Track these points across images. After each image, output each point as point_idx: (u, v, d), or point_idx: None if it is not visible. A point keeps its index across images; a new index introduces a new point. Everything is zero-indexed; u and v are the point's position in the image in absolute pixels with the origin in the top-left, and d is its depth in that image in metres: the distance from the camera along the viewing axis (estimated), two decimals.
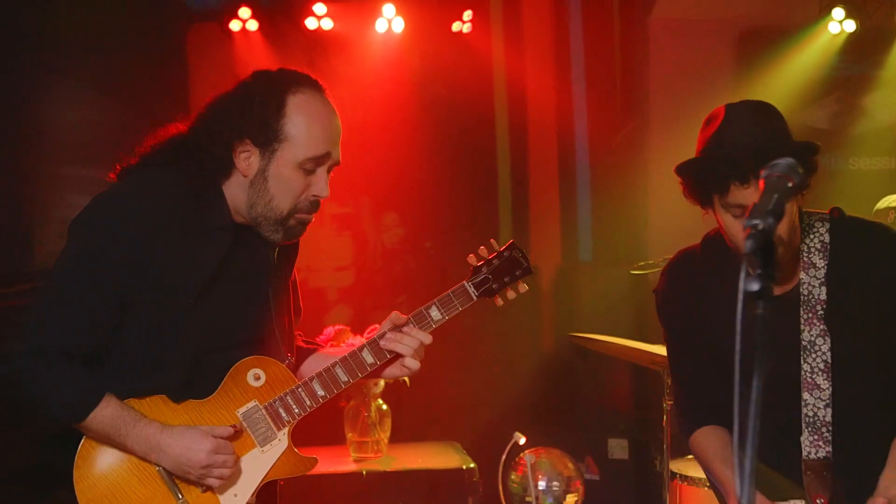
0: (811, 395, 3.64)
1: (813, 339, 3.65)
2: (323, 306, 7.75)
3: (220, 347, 3.57)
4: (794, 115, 8.07)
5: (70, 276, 3.45)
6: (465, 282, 3.78)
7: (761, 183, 2.26)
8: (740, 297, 2.13)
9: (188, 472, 3.46)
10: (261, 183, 3.53)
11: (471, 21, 7.82)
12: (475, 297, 3.78)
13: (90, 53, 7.77)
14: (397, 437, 6.38)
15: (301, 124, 3.54)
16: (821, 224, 3.75)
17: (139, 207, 3.45)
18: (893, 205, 6.35)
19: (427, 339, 3.75)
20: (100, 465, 3.48)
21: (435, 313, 3.76)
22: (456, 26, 7.84)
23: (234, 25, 7.57)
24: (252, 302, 3.65)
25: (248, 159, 3.53)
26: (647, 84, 8.12)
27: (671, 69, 8.04)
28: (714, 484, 3.88)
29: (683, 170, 3.67)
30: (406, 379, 6.12)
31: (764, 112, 3.75)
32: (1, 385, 3.40)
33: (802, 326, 3.66)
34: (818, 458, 3.62)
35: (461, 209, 7.84)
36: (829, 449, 3.62)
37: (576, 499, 5.98)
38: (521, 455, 6.05)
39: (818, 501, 3.60)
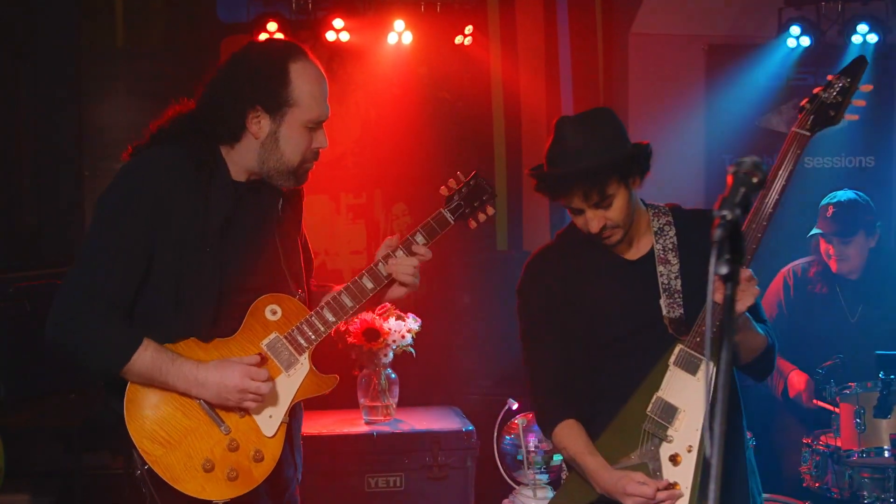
0: (664, 267, 3.83)
1: (668, 274, 3.84)
2: (339, 285, 7.72)
3: (237, 290, 3.59)
4: (755, 120, 8.11)
5: (100, 238, 3.49)
6: (441, 209, 3.86)
7: (729, 178, 2.23)
8: (710, 277, 2.11)
9: (227, 400, 3.48)
10: (272, 143, 3.58)
11: (471, 35, 7.77)
12: (452, 221, 3.85)
13: (140, 63, 7.78)
14: (404, 403, 6.35)
15: (305, 90, 3.58)
16: (664, 210, 3.96)
17: (149, 175, 3.50)
18: (833, 201, 6.30)
19: (413, 261, 3.78)
20: (146, 404, 3.48)
21: (419, 238, 3.80)
22: (458, 39, 7.78)
23: (263, 37, 7.48)
24: (262, 249, 3.67)
25: (259, 123, 3.56)
26: (626, 91, 8.08)
27: (648, 78, 8.01)
28: (581, 472, 3.86)
29: (530, 176, 3.87)
30: (413, 351, 6.12)
31: (587, 126, 3.80)
32: (53, 338, 3.42)
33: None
34: (674, 317, 3.76)
35: None
36: (682, 311, 3.76)
37: (561, 458, 5.93)
38: (514, 419, 6.00)
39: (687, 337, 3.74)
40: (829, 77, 3.72)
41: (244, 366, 3.49)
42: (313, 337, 3.67)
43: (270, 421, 3.59)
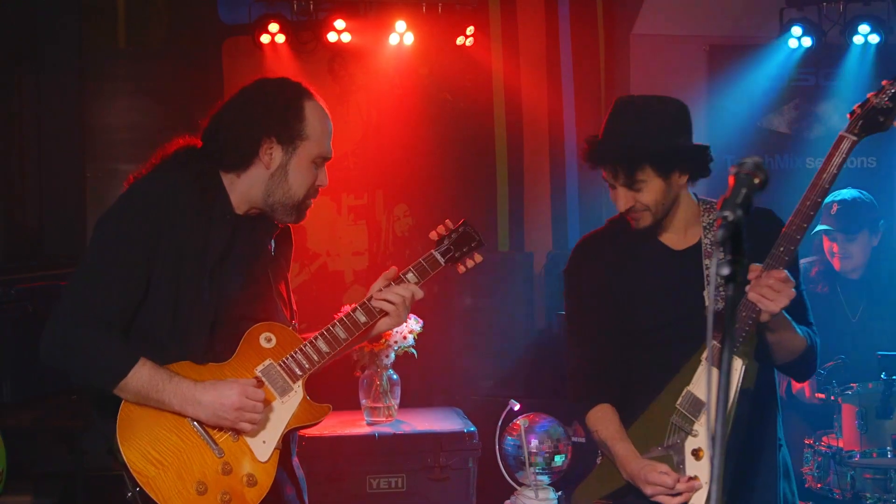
0: (710, 260, 3.85)
1: (711, 243, 3.88)
2: (341, 287, 7.73)
3: (232, 318, 3.61)
4: (756, 121, 8.11)
5: (98, 261, 3.50)
6: (432, 251, 3.92)
7: (731, 179, 2.22)
8: (713, 273, 2.11)
9: (223, 419, 3.47)
10: (281, 175, 3.64)
11: (473, 35, 7.79)
12: (442, 263, 3.91)
13: (142, 64, 7.79)
14: (406, 404, 6.35)
15: (317, 127, 3.67)
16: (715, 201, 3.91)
17: (150, 200, 3.52)
18: (838, 199, 6.30)
19: (400, 290, 3.83)
20: (140, 424, 3.46)
21: (411, 277, 3.86)
22: (459, 40, 7.80)
23: (265, 39, 7.52)
24: (256, 280, 3.71)
25: (271, 154, 3.62)
26: (628, 91, 8.05)
27: (649, 79, 8.00)
28: (610, 457, 3.92)
29: (584, 142, 3.93)
30: (414, 352, 6.12)
31: (640, 111, 3.88)
32: (49, 352, 3.43)
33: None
34: (718, 309, 3.68)
35: (463, 201, 7.81)
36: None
37: (564, 459, 5.93)
38: (516, 420, 6.00)
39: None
40: (884, 82, 3.70)
41: (242, 385, 3.49)
42: (307, 365, 3.68)
43: (264, 446, 3.58)
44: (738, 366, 3.70)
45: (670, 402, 3.81)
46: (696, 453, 3.76)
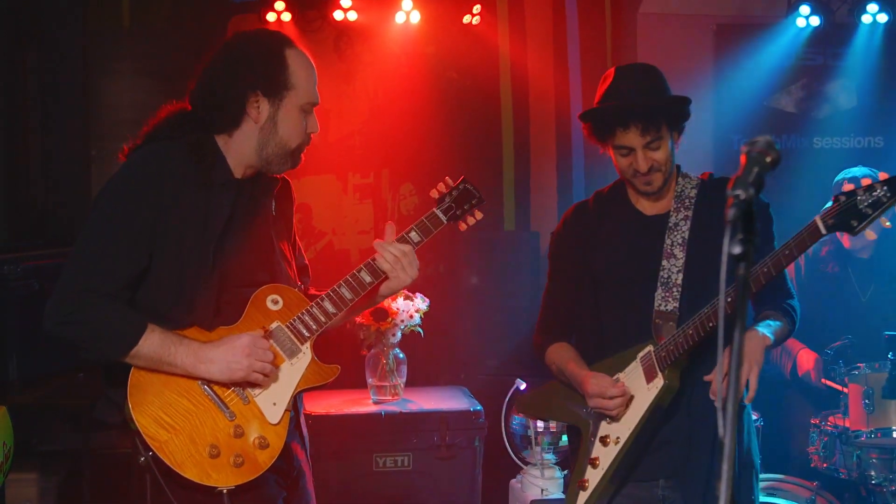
0: (668, 261, 3.94)
1: (672, 244, 3.97)
2: (347, 265, 7.68)
3: (238, 283, 3.62)
4: (764, 101, 8.11)
5: (101, 229, 3.51)
6: (434, 209, 3.94)
7: (742, 158, 2.23)
8: (723, 269, 2.12)
9: (236, 371, 3.49)
10: (270, 127, 3.65)
11: (479, 14, 7.79)
12: (445, 221, 3.93)
13: (146, 43, 7.78)
14: (412, 383, 6.37)
15: (301, 74, 3.67)
16: (693, 177, 4.14)
17: (148, 171, 3.54)
18: (848, 177, 6.30)
19: (398, 252, 3.82)
20: (151, 389, 3.48)
21: (414, 236, 3.87)
22: (466, 18, 7.79)
23: (270, 17, 7.52)
24: (260, 243, 3.72)
25: (258, 108, 3.63)
26: None
27: (655, 58, 7.89)
28: (566, 382, 4.14)
29: (583, 117, 4.03)
30: (421, 331, 6.14)
31: (644, 72, 4.05)
32: (55, 324, 3.43)
33: (667, 239, 4.00)
34: (666, 310, 3.89)
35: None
36: (676, 304, 3.89)
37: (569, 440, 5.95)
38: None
39: (661, 342, 3.86)
40: (883, 176, 3.53)
41: (249, 335, 3.53)
42: (315, 327, 3.69)
43: (274, 408, 3.59)
44: (659, 383, 3.83)
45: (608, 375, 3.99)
46: (604, 440, 3.92)
